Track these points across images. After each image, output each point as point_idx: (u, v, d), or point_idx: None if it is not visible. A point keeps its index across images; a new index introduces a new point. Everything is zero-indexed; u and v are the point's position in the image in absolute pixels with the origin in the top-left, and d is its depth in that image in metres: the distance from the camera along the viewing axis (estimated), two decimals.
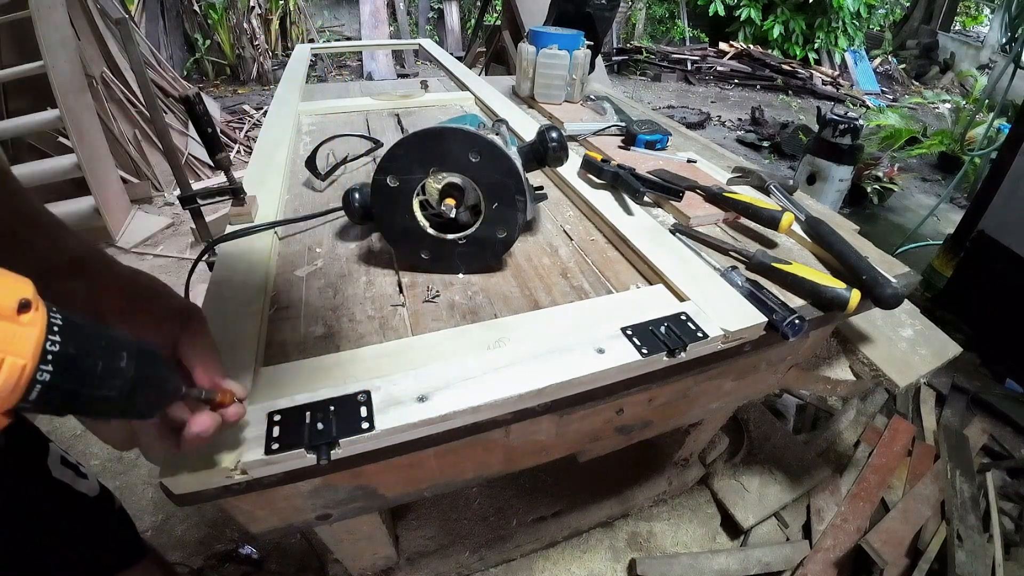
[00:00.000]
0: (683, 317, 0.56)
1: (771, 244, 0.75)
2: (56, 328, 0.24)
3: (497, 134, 0.64)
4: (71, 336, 0.25)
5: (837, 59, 6.19)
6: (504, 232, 0.62)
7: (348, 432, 0.42)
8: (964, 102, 4.12)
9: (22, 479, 0.53)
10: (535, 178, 0.91)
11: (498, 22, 3.13)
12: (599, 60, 1.64)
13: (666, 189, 0.80)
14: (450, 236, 0.62)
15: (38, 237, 0.36)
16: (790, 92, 5.45)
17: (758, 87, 5.59)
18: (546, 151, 0.67)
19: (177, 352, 0.36)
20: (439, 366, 0.49)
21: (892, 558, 1.06)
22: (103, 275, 0.36)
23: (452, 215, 0.59)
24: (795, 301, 0.62)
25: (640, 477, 1.20)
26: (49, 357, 0.23)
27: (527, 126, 1.06)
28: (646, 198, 0.83)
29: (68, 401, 0.25)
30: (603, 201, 0.79)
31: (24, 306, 0.23)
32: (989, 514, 1.20)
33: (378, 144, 1.00)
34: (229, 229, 0.68)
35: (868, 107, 4.74)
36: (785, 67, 5.69)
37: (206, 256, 0.67)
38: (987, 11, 7.19)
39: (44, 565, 0.55)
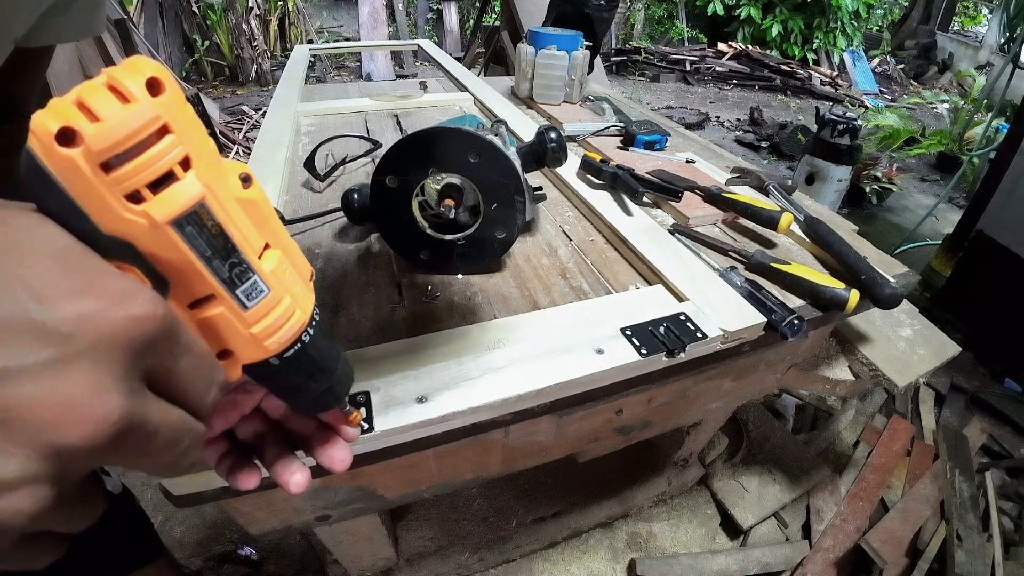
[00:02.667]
0: (682, 317, 0.56)
1: (770, 244, 0.75)
2: (316, 303, 0.28)
3: (496, 135, 0.64)
4: (320, 315, 0.28)
5: (835, 59, 6.20)
6: (503, 233, 0.62)
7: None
8: (962, 102, 4.12)
9: None
10: (534, 179, 0.91)
11: (497, 23, 3.13)
12: (598, 61, 1.64)
13: (665, 189, 0.80)
14: (449, 237, 0.62)
15: None
16: (789, 92, 5.46)
17: (757, 87, 5.59)
18: (545, 152, 0.67)
19: None
20: (438, 367, 0.49)
21: (892, 558, 1.06)
22: None
23: (451, 216, 0.59)
24: (794, 301, 0.62)
25: (639, 477, 1.20)
26: (314, 321, 0.27)
27: (526, 127, 1.06)
28: (645, 198, 0.83)
29: (301, 367, 0.27)
30: (602, 201, 0.79)
31: (311, 277, 0.28)
32: (988, 514, 1.20)
33: (377, 145, 1.00)
34: None
35: (867, 107, 4.75)
36: (784, 67, 5.69)
37: None
38: (985, 11, 7.20)
39: (66, 556, 0.55)
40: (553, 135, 0.67)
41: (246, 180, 0.23)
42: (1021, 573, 1.12)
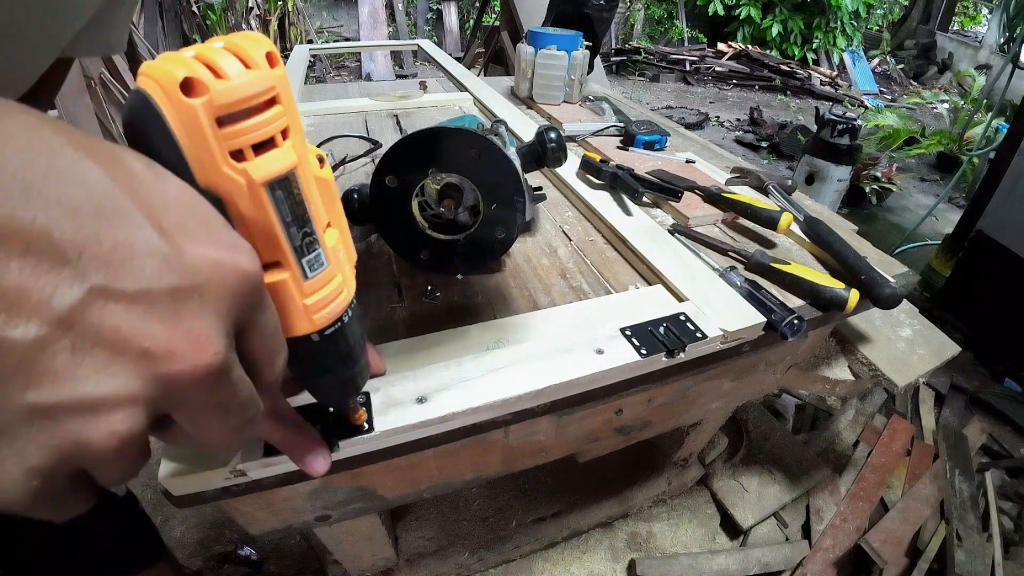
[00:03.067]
0: (682, 317, 0.56)
1: (770, 244, 0.75)
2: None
3: (496, 135, 0.64)
4: (356, 303, 0.29)
5: (835, 59, 6.20)
6: (503, 233, 0.62)
7: (347, 433, 0.42)
8: (962, 102, 4.12)
9: None
10: (534, 179, 0.91)
11: (496, 23, 3.13)
12: (597, 61, 1.64)
13: (665, 189, 0.80)
14: (449, 237, 0.62)
15: None
16: (788, 92, 5.46)
17: (756, 87, 5.59)
18: (545, 152, 0.67)
19: None
20: (438, 367, 0.49)
21: (891, 558, 1.06)
22: None
23: (451, 216, 0.59)
24: (794, 301, 0.62)
25: (639, 477, 1.20)
26: (352, 303, 0.28)
27: (526, 126, 1.06)
28: (645, 198, 0.83)
29: (335, 348, 0.28)
30: (602, 201, 0.79)
31: (355, 264, 0.29)
32: (988, 513, 1.20)
33: (377, 145, 1.00)
34: None
35: (866, 107, 4.75)
36: (783, 67, 5.70)
37: None
38: (985, 11, 7.20)
39: (71, 557, 0.56)
40: (553, 135, 0.67)
41: (320, 161, 0.25)
42: (1021, 573, 1.12)
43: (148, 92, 0.18)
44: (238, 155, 0.20)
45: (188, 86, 0.18)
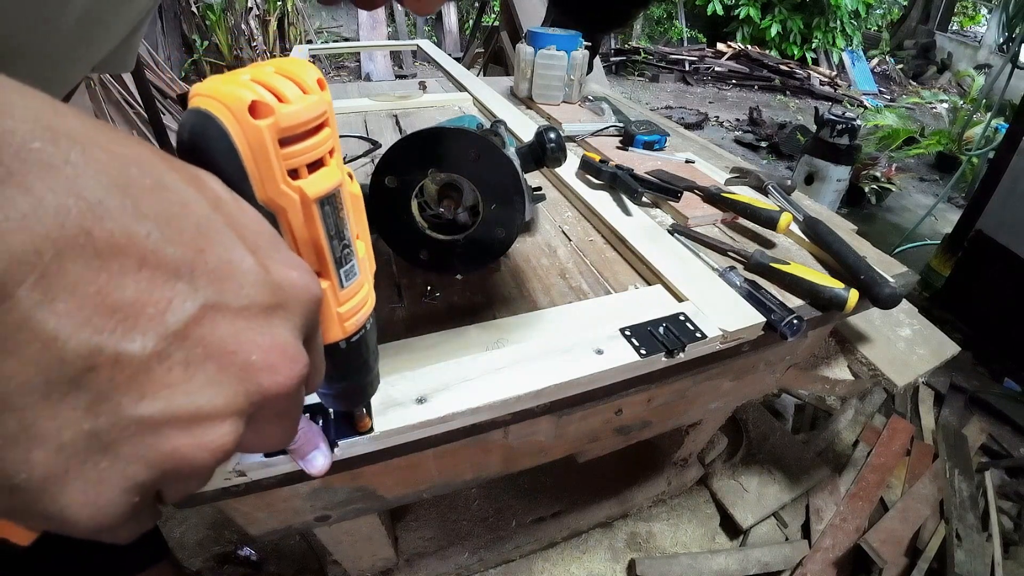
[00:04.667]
0: (681, 317, 0.56)
1: (769, 244, 0.75)
2: None
3: (495, 135, 0.64)
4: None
5: (835, 59, 6.20)
6: (503, 233, 0.62)
7: (347, 434, 0.42)
8: (962, 102, 4.13)
9: None
10: (533, 179, 0.91)
11: (496, 23, 3.13)
12: (597, 61, 1.64)
13: (664, 189, 0.80)
14: (448, 237, 0.62)
15: None
16: (788, 92, 5.46)
17: (756, 87, 5.59)
18: (544, 152, 0.67)
19: None
20: (437, 367, 0.49)
21: (891, 557, 1.06)
22: None
23: (450, 216, 0.59)
24: (793, 301, 0.62)
25: (639, 477, 1.20)
26: (373, 313, 0.29)
27: (525, 127, 1.06)
28: (644, 198, 0.83)
29: (354, 358, 0.29)
30: (601, 202, 0.79)
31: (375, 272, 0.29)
32: (988, 513, 1.20)
33: (376, 145, 1.00)
34: None
35: (866, 107, 4.75)
36: (783, 67, 5.70)
37: None
38: (984, 11, 7.21)
39: (72, 556, 0.55)
40: (552, 135, 0.67)
41: (350, 176, 0.26)
42: (1021, 573, 1.12)
43: (214, 112, 0.19)
44: (294, 174, 0.21)
45: (255, 109, 0.19)
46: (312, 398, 0.44)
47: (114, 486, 0.16)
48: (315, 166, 0.22)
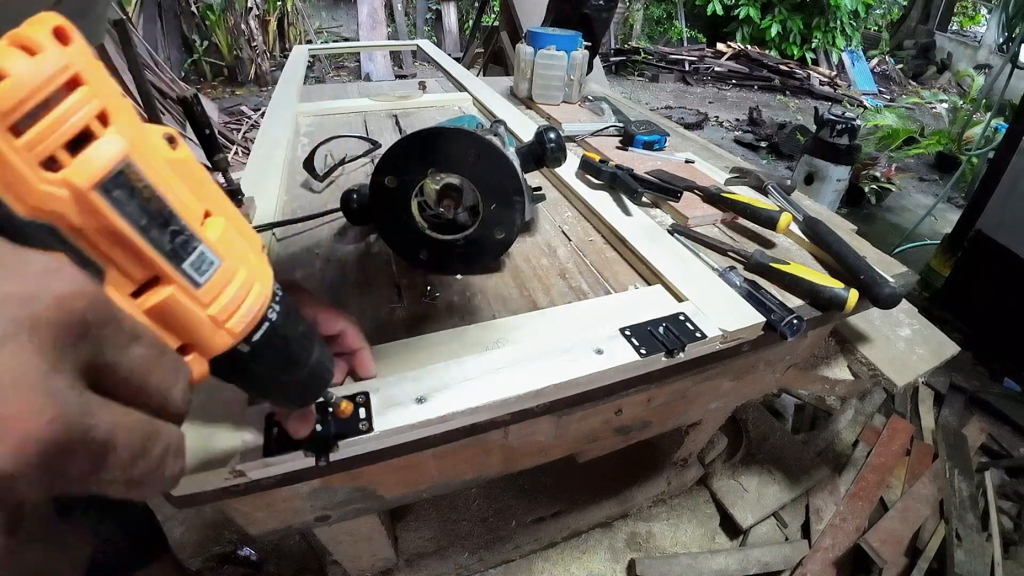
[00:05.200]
0: (681, 317, 0.56)
1: (769, 244, 0.75)
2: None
3: (495, 135, 0.64)
4: (282, 291, 0.26)
5: (834, 59, 6.20)
6: (502, 233, 0.62)
7: (346, 433, 0.42)
8: (961, 102, 4.13)
9: None
10: (533, 179, 0.91)
11: (496, 23, 3.13)
12: (597, 61, 1.64)
13: (664, 189, 0.80)
14: (448, 237, 0.62)
15: None
16: (788, 92, 5.46)
17: (756, 87, 5.59)
18: (544, 152, 0.67)
19: (320, 326, 0.36)
20: (437, 367, 0.49)
21: (891, 557, 1.06)
22: None
23: (450, 216, 0.59)
24: (793, 301, 0.62)
25: (639, 477, 1.20)
26: (277, 298, 0.24)
27: (525, 127, 1.06)
28: (644, 198, 0.83)
29: (275, 354, 0.24)
30: (601, 202, 0.79)
31: (264, 248, 0.25)
32: (988, 513, 1.20)
33: (376, 145, 1.00)
34: None
35: (865, 107, 4.75)
36: (783, 67, 5.70)
37: None
38: (984, 11, 7.21)
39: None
40: (552, 135, 0.67)
41: (171, 140, 0.20)
42: (1020, 573, 1.12)
43: None
44: (52, 164, 0.16)
45: None
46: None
47: None
48: (80, 143, 0.17)
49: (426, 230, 0.62)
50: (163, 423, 0.18)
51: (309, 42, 5.21)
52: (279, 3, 4.98)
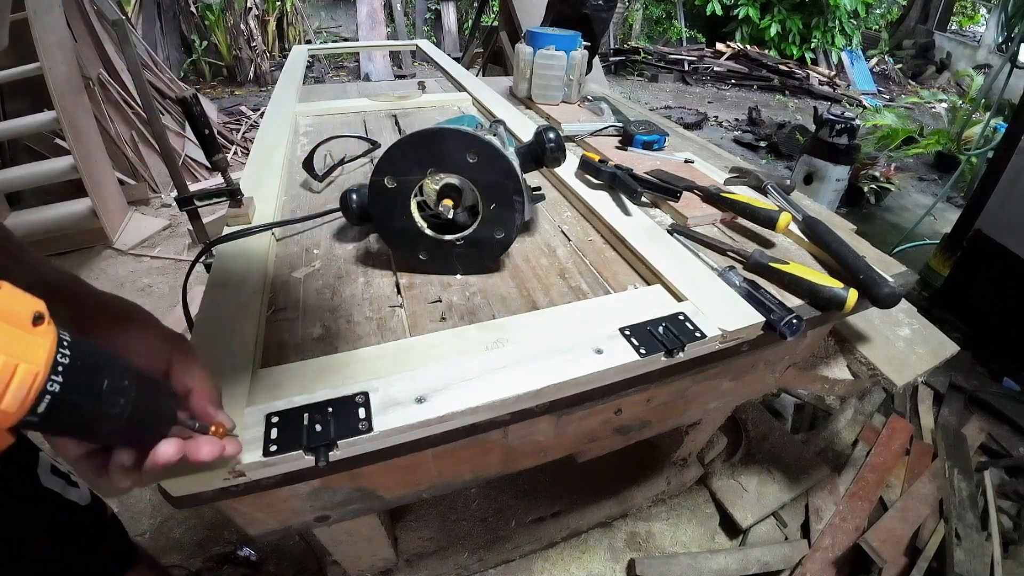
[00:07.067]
0: (681, 317, 0.56)
1: (769, 244, 0.75)
2: (65, 343, 0.25)
3: (495, 135, 0.64)
4: (78, 351, 0.25)
5: (834, 59, 6.20)
6: (502, 233, 0.62)
7: (346, 433, 0.42)
8: (961, 101, 4.13)
9: (11, 487, 0.52)
10: (533, 179, 0.91)
11: (495, 23, 3.13)
12: (596, 61, 1.64)
13: (664, 189, 0.80)
14: (448, 237, 0.62)
15: (18, 267, 0.37)
16: (787, 92, 5.46)
17: (755, 87, 5.59)
18: (543, 152, 0.67)
19: (171, 379, 0.36)
20: (437, 367, 0.49)
21: (891, 557, 1.06)
22: (84, 300, 0.37)
23: (450, 216, 0.59)
24: (793, 301, 0.62)
25: (639, 477, 1.20)
26: (60, 368, 0.24)
27: (524, 127, 1.06)
28: (644, 198, 0.83)
29: (72, 417, 0.25)
30: (601, 201, 0.79)
31: (38, 319, 0.23)
32: (987, 512, 1.20)
33: (376, 145, 1.00)
34: (227, 231, 0.68)
35: (865, 107, 4.75)
36: (782, 67, 5.70)
37: (203, 258, 0.67)
38: (983, 11, 7.21)
39: (34, 574, 0.55)
40: (551, 135, 0.67)
41: None
42: (1020, 572, 1.12)
43: None
44: None
45: None
46: (306, 399, 0.44)
47: None
48: None
49: (426, 230, 0.62)
50: None
51: (308, 42, 5.20)
52: (278, 3, 4.97)
